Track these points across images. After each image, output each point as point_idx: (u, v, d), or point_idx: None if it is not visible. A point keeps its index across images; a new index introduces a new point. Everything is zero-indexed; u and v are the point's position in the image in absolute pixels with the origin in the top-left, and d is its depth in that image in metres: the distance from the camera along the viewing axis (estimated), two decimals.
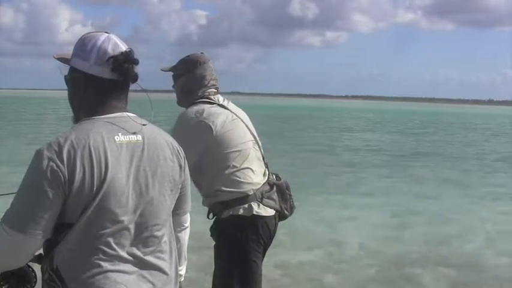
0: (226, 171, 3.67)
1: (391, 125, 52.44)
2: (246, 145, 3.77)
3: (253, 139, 3.86)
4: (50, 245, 2.18)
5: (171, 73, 3.90)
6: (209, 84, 3.84)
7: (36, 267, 2.32)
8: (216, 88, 3.90)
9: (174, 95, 3.94)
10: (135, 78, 2.29)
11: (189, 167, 3.56)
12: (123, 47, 2.27)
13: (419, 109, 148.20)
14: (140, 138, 2.26)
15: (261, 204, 3.67)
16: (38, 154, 2.11)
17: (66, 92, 2.35)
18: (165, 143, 2.36)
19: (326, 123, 52.08)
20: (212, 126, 3.66)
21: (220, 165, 3.68)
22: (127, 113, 2.30)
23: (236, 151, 3.70)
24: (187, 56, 3.92)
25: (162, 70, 3.97)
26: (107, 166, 2.13)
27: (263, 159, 3.90)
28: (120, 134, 2.22)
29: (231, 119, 3.76)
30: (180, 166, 2.40)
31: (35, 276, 2.33)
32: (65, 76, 2.34)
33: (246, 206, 3.64)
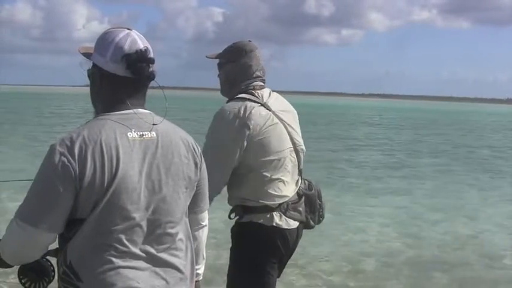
0: (257, 181, 3.49)
1: (409, 124, 52.19)
2: (283, 154, 3.55)
3: (291, 146, 3.61)
4: (64, 240, 2.20)
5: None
6: (254, 75, 3.63)
7: (54, 261, 2.33)
8: (263, 80, 3.68)
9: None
10: (150, 76, 2.28)
11: (223, 163, 3.39)
12: (141, 45, 2.26)
13: (437, 108, 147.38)
14: (154, 135, 2.26)
15: (283, 215, 3.49)
16: (51, 149, 2.14)
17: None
18: (180, 140, 2.34)
19: (345, 120, 51.92)
20: (250, 127, 3.44)
21: (252, 173, 3.50)
22: (143, 110, 2.30)
23: (270, 160, 3.49)
24: (234, 43, 3.71)
25: (207, 57, 3.78)
26: (118, 162, 2.14)
27: (298, 165, 3.68)
28: (133, 130, 2.22)
29: (271, 123, 3.52)
30: (196, 164, 2.38)
31: (53, 270, 2.34)
32: (87, 70, 2.35)
33: (268, 215, 3.47)
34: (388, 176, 17.19)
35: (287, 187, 3.55)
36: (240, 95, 3.58)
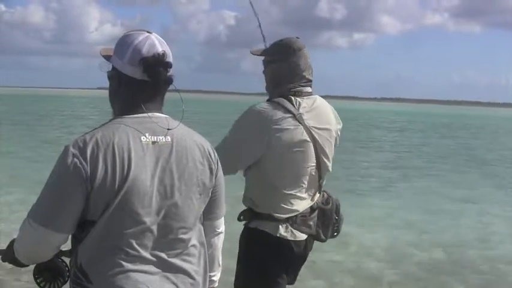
0: (270, 191, 3.40)
1: (421, 127, 52.12)
2: (303, 171, 3.41)
3: (314, 164, 3.44)
4: (76, 241, 2.21)
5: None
6: (302, 77, 3.44)
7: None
8: (309, 81, 3.50)
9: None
10: (167, 80, 2.26)
11: (234, 162, 3.33)
12: (159, 49, 2.24)
13: (450, 112, 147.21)
14: (169, 140, 2.24)
15: (289, 227, 3.39)
16: (64, 150, 2.15)
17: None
18: (196, 146, 2.32)
19: (359, 123, 51.89)
20: (271, 137, 3.30)
21: (267, 182, 3.40)
22: (158, 114, 2.28)
23: (288, 176, 3.38)
24: (281, 40, 3.52)
25: (252, 53, 3.62)
26: (129, 165, 2.13)
27: (319, 180, 3.52)
28: (147, 134, 2.21)
29: (298, 139, 3.34)
30: (211, 170, 2.36)
31: (68, 271, 2.34)
32: (107, 72, 2.35)
33: (273, 225, 3.38)
34: (399, 179, 17.16)
35: (299, 202, 3.44)
36: (277, 99, 3.42)
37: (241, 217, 3.54)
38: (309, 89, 3.50)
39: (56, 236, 2.16)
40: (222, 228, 2.59)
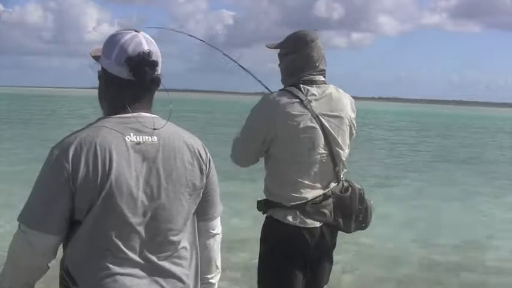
0: (279, 178, 3.46)
1: (419, 127, 52.05)
2: (310, 159, 3.41)
3: (325, 152, 3.44)
4: (64, 244, 2.19)
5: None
6: (314, 66, 3.49)
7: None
8: (322, 71, 3.54)
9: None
10: (153, 80, 2.23)
11: (246, 148, 3.44)
12: (145, 47, 2.21)
13: (448, 112, 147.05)
14: (156, 140, 2.21)
15: (299, 214, 3.39)
16: (50, 152, 2.15)
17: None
18: (185, 146, 2.28)
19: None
20: (276, 123, 3.37)
21: (276, 169, 3.47)
22: (145, 114, 2.24)
23: (293, 162, 3.40)
24: (295, 32, 3.59)
25: (267, 47, 3.66)
26: (111, 165, 2.11)
27: (334, 168, 3.52)
28: (132, 134, 2.18)
29: (304, 125, 3.37)
30: (201, 170, 2.31)
31: None
32: (98, 72, 2.33)
33: (283, 213, 3.40)
34: (397, 178, 17.11)
35: (309, 190, 3.43)
36: (287, 88, 3.49)
37: (258, 207, 3.57)
38: (321, 78, 3.55)
39: (46, 238, 2.13)
40: (218, 229, 2.51)
